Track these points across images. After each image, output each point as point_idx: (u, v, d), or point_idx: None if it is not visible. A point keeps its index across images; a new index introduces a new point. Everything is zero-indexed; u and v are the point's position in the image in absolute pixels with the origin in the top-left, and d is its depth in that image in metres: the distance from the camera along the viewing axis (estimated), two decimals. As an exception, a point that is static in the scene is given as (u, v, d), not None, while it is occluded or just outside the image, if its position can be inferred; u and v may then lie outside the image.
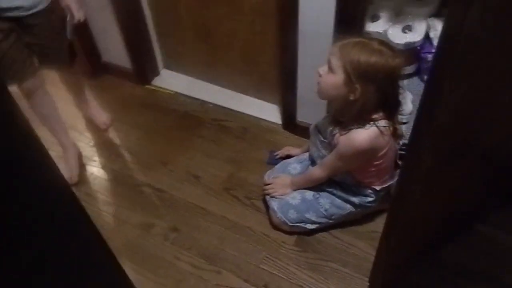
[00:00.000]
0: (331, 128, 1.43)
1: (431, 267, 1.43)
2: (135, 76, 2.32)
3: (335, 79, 1.29)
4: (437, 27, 1.72)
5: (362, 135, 1.32)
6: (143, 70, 2.30)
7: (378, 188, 1.49)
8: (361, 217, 1.62)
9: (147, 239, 1.68)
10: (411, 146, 0.96)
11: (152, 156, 1.99)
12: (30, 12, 1.55)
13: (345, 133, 1.35)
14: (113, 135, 2.13)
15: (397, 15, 1.78)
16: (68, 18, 1.64)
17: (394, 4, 1.80)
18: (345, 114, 1.35)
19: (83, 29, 2.09)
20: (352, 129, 1.33)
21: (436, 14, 1.77)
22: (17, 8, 1.52)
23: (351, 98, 1.28)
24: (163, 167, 1.94)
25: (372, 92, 1.26)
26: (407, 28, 1.73)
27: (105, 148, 2.07)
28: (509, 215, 1.59)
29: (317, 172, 1.51)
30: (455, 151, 1.03)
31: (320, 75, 1.35)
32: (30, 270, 0.63)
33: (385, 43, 1.32)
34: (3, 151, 0.54)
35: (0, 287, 0.58)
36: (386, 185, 1.51)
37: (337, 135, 1.38)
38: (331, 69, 1.30)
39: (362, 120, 1.32)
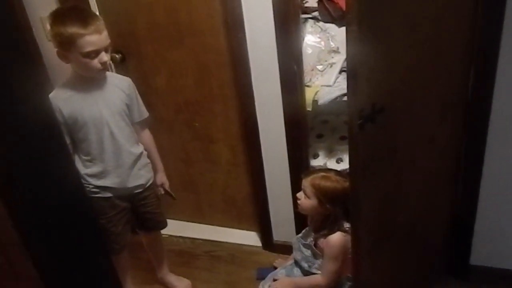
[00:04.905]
0: (312, 233, 1.94)
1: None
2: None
3: (311, 203, 1.84)
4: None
5: (336, 236, 1.82)
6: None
7: (350, 274, 1.92)
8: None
9: None
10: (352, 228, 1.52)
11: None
12: (146, 187, 1.97)
13: (324, 239, 1.84)
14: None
15: (330, 152, 2.48)
16: (166, 188, 2.13)
17: (327, 145, 2.51)
18: (322, 224, 1.87)
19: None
20: (328, 234, 1.83)
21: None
22: (138, 186, 1.93)
23: (326, 213, 1.82)
24: (168, 299, 2.29)
25: (338, 207, 1.81)
26: (339, 160, 2.41)
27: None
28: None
29: (319, 278, 1.91)
30: (380, 234, 1.59)
31: (298, 199, 1.91)
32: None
33: (339, 172, 1.90)
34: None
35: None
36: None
37: (320, 239, 1.87)
38: (306, 196, 1.86)
39: (334, 226, 1.83)
